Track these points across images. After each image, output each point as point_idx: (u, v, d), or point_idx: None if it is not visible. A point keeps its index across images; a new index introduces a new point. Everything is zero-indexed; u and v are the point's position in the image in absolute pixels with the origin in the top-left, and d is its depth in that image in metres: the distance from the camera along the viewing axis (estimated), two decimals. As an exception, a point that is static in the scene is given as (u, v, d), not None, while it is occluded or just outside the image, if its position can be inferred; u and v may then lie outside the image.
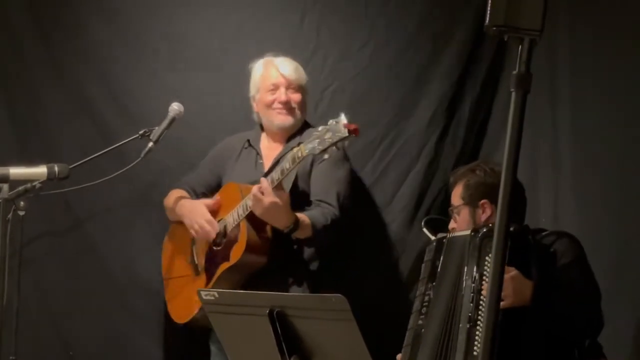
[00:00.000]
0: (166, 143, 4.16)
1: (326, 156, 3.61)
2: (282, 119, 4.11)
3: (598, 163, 3.93)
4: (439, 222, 4.20)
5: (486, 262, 3.19)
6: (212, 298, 3.20)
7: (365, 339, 2.89)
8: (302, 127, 4.17)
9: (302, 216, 3.87)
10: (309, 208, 3.98)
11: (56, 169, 3.85)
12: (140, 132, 4.10)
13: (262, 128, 4.26)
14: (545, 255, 3.25)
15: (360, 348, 2.91)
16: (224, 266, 3.90)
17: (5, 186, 3.70)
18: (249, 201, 3.82)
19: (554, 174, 3.71)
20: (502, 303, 3.11)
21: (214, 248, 4.01)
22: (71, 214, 4.49)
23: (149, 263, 4.38)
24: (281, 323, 3.00)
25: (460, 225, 3.50)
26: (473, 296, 3.14)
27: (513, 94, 1.87)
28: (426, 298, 3.38)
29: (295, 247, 3.98)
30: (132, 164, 4.08)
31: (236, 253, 3.88)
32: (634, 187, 3.73)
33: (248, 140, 4.21)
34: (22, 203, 3.75)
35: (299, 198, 3.94)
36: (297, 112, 4.11)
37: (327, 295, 2.95)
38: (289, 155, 3.70)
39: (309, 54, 4.52)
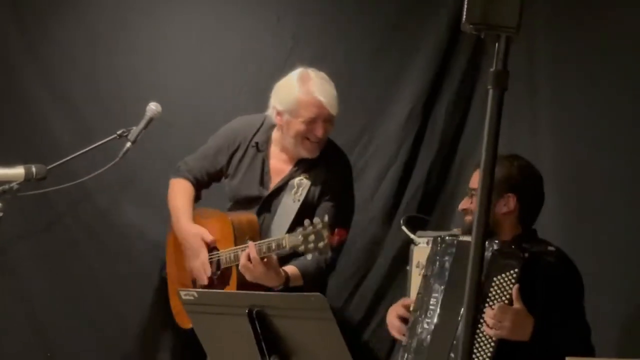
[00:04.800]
0: (145, 142, 4.14)
1: (309, 257, 3.54)
2: (312, 152, 3.92)
3: (577, 158, 3.95)
4: (418, 220, 4.20)
5: (493, 283, 3.15)
6: (192, 298, 3.19)
7: (345, 338, 2.90)
8: None
9: (292, 271, 3.79)
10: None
11: (34, 169, 3.83)
12: (119, 132, 4.08)
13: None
14: (550, 283, 3.20)
15: (340, 347, 2.91)
16: None
17: (-17, 188, 3.69)
18: (240, 258, 3.74)
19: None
20: (497, 332, 3.10)
21: (216, 273, 3.98)
22: (50, 214, 4.47)
23: (129, 262, 4.38)
24: (261, 322, 2.99)
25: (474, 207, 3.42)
26: None
27: (490, 91, 1.86)
28: (433, 300, 3.31)
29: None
30: (110, 164, 4.07)
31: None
32: (614, 182, 3.75)
33: (257, 143, 4.03)
34: (-1, 204, 3.73)
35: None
36: (323, 142, 3.95)
37: (306, 295, 2.95)
38: (276, 240, 3.62)
39: (285, 53, 4.51)
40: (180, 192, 4.10)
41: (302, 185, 3.90)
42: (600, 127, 3.85)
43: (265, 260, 3.65)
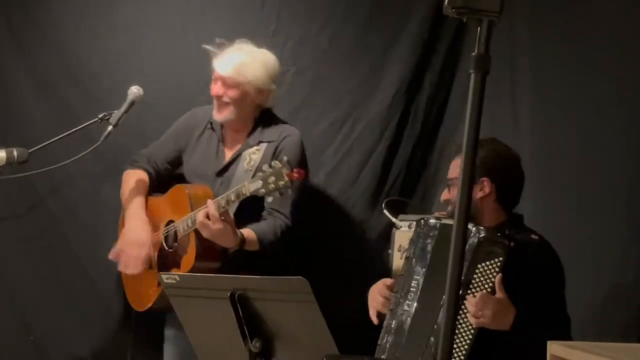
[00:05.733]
0: (127, 125, 4.13)
1: (269, 199, 3.64)
2: (216, 113, 4.08)
3: (558, 144, 3.96)
4: (400, 204, 4.21)
5: (477, 270, 3.15)
6: (174, 281, 3.20)
7: (327, 322, 2.90)
8: (267, 120, 4.13)
9: (248, 233, 3.88)
10: (262, 218, 3.98)
11: (15, 153, 3.83)
12: (100, 115, 4.07)
13: None
14: (533, 273, 3.21)
15: (322, 330, 2.92)
16: (176, 272, 3.90)
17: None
18: (198, 216, 3.81)
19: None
20: (478, 320, 3.11)
21: (166, 248, 4.02)
22: (31, 197, 4.46)
23: (110, 245, 4.35)
24: (243, 305, 3.00)
25: (455, 197, 3.44)
26: None
27: (472, 75, 1.86)
28: (414, 283, 3.32)
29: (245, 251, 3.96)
30: (92, 148, 4.05)
31: (186, 263, 3.91)
32: (594, 170, 3.76)
33: (211, 123, 4.17)
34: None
35: (254, 203, 3.91)
36: (232, 108, 4.05)
37: (288, 278, 2.96)
38: (235, 190, 3.72)
39: (269, 37, 4.50)
40: (130, 182, 4.16)
41: (253, 156, 3.96)
42: (581, 113, 3.86)
43: (223, 218, 3.72)
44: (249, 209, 3.90)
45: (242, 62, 4.04)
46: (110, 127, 4.01)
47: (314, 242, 4.45)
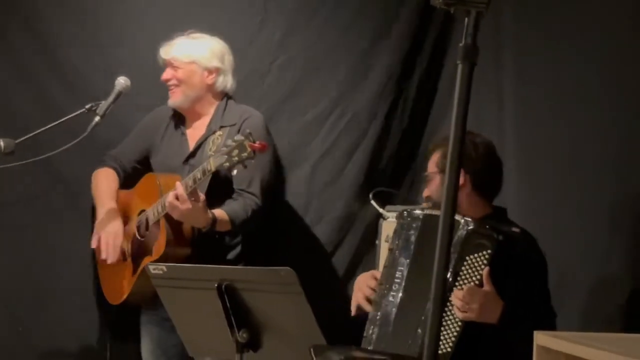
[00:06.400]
0: (113, 117, 4.12)
1: (234, 172, 3.68)
2: (169, 102, 4.16)
3: (543, 136, 3.97)
4: (388, 195, 4.21)
5: (465, 262, 3.13)
6: (160, 272, 3.19)
7: (315, 313, 2.91)
8: (227, 105, 4.14)
9: (220, 214, 3.90)
10: (231, 199, 3.99)
11: (2, 143, 3.82)
12: (87, 106, 4.06)
13: None
14: (520, 266, 3.20)
15: (310, 320, 2.92)
16: (148, 260, 3.91)
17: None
18: (166, 198, 3.82)
19: (497, 145, 3.71)
20: (465, 314, 3.09)
21: (138, 237, 4.03)
22: (17, 188, 4.44)
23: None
24: (230, 296, 3.00)
25: (433, 192, 3.42)
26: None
27: (459, 66, 1.86)
28: (398, 274, 3.31)
29: (217, 236, 3.98)
30: (78, 139, 4.04)
31: (158, 249, 3.93)
32: (580, 162, 3.77)
33: (173, 117, 4.21)
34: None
35: (223, 187, 3.96)
36: (182, 89, 4.11)
37: (275, 269, 2.96)
38: (201, 167, 3.75)
39: (257, 27, 4.50)
40: (98, 179, 4.21)
41: (217, 141, 4.00)
42: (564, 100, 3.86)
43: (193, 198, 3.74)
44: (219, 193, 3.93)
45: (184, 43, 4.13)
46: (97, 118, 4.00)
47: (300, 233, 4.46)
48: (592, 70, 3.71)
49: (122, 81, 4.09)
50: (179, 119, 4.20)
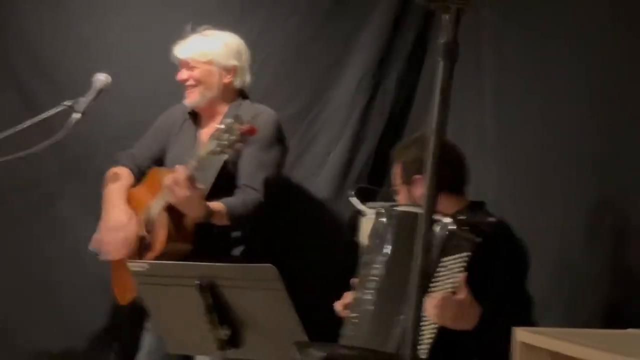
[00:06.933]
0: (94, 114, 4.10)
1: (225, 156, 3.67)
2: (185, 101, 4.11)
3: (521, 131, 3.98)
4: (368, 191, 4.21)
5: (441, 263, 3.05)
6: (142, 269, 3.19)
7: (296, 309, 2.91)
8: (241, 103, 4.12)
9: (217, 206, 3.86)
10: (235, 193, 3.96)
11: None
12: (67, 103, 4.03)
13: None
14: (500, 263, 3.14)
15: (291, 317, 2.93)
16: (149, 256, 3.90)
17: None
18: (165, 180, 3.81)
19: (478, 141, 3.74)
20: (438, 322, 3.01)
21: (146, 233, 4.00)
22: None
23: (79, 236, 4.34)
24: (211, 293, 3.00)
25: (404, 202, 3.40)
26: None
27: (440, 63, 1.86)
28: (374, 272, 3.27)
29: (215, 231, 3.96)
30: (58, 135, 4.01)
31: (159, 244, 3.89)
32: (560, 154, 3.78)
33: (189, 113, 4.17)
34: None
35: (228, 181, 3.94)
36: (199, 89, 4.07)
37: (256, 265, 2.96)
38: (194, 157, 3.73)
39: (235, 23, 4.49)
40: (109, 178, 4.15)
41: None
42: (545, 95, 3.87)
43: (190, 183, 3.71)
44: (223, 187, 3.90)
45: (200, 42, 4.08)
46: (78, 115, 3.95)
47: (280, 229, 4.45)
48: (573, 65, 3.71)
49: (102, 78, 4.05)
50: (194, 117, 4.17)
